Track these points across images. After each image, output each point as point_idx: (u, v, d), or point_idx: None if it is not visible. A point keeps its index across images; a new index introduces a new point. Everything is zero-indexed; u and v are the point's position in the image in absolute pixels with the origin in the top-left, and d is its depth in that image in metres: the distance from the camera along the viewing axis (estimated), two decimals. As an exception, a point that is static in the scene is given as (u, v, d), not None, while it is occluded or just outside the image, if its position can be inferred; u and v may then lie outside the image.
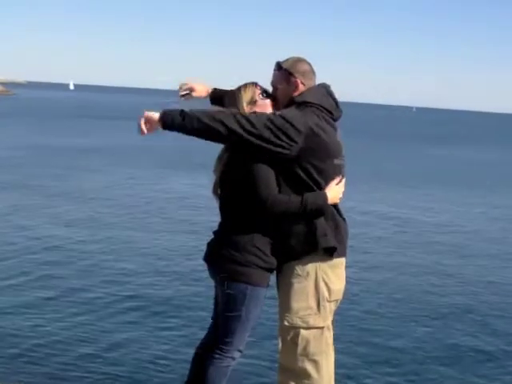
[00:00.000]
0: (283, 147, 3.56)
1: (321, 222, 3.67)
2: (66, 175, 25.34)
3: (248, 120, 3.53)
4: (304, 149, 3.59)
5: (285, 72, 3.78)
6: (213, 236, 3.86)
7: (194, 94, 4.23)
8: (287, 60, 3.83)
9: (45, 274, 12.25)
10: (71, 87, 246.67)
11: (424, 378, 8.72)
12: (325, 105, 3.75)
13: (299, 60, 3.84)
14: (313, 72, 3.86)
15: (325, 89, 3.84)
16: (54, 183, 23.29)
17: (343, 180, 3.81)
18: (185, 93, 4.22)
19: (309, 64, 3.85)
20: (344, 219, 3.87)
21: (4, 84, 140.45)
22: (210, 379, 3.74)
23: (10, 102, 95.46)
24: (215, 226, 3.96)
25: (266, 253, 3.67)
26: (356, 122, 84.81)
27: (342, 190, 3.80)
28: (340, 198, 3.79)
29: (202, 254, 4.02)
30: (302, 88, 3.76)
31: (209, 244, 3.85)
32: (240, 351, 3.80)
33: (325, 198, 3.67)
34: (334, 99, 3.85)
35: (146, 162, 31.73)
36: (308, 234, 3.66)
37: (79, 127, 51.68)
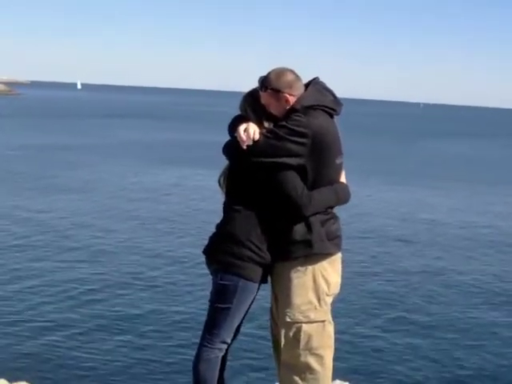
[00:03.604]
0: (295, 154, 3.55)
1: (317, 226, 3.65)
2: (70, 173, 25.44)
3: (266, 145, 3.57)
4: (312, 149, 3.57)
5: (271, 91, 3.68)
6: (214, 229, 3.88)
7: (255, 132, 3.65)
8: (268, 76, 3.70)
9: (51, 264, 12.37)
10: (79, 87, 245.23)
11: (419, 371, 8.80)
12: (326, 103, 3.69)
13: (281, 72, 3.70)
14: (298, 78, 3.73)
15: (319, 85, 3.76)
16: (57, 180, 23.41)
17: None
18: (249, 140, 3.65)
19: (291, 71, 3.72)
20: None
21: (6, 84, 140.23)
22: (201, 372, 3.77)
23: (14, 101, 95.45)
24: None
25: (262, 248, 3.68)
26: (364, 120, 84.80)
27: None
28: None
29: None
30: (292, 100, 3.67)
31: (210, 237, 3.89)
32: (226, 343, 3.82)
33: (349, 192, 3.80)
34: (332, 94, 3.78)
35: (151, 157, 31.89)
36: (304, 238, 3.64)
37: (84, 127, 51.70)
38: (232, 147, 3.70)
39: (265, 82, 3.69)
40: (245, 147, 3.58)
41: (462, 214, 20.70)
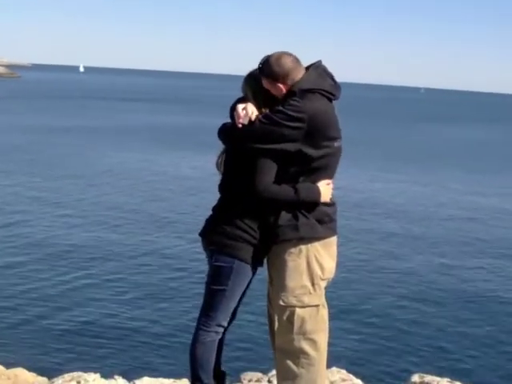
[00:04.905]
0: (291, 139, 3.52)
1: (303, 212, 3.63)
2: (69, 156, 25.42)
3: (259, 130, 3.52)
4: (308, 134, 3.53)
5: (267, 78, 3.64)
6: (211, 212, 3.89)
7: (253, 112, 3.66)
8: (266, 63, 3.63)
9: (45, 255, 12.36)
10: (81, 70, 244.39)
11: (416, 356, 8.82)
12: (325, 87, 3.65)
13: (279, 59, 3.62)
14: (296, 64, 3.65)
15: (320, 69, 3.72)
16: (56, 164, 23.39)
17: (331, 182, 3.75)
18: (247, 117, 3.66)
19: (290, 57, 3.65)
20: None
21: (7, 66, 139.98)
22: (198, 355, 3.77)
23: (15, 84, 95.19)
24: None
25: (256, 230, 3.67)
26: (365, 104, 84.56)
27: (331, 190, 3.74)
28: (330, 199, 3.73)
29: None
30: (287, 89, 3.61)
31: (206, 219, 3.90)
32: (222, 326, 3.81)
33: (318, 192, 3.65)
34: (332, 78, 3.74)
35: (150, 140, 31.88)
36: (290, 223, 3.62)
37: (83, 109, 51.64)
38: (228, 130, 3.68)
39: (262, 69, 3.65)
40: (240, 125, 3.55)
41: (459, 203, 20.67)
